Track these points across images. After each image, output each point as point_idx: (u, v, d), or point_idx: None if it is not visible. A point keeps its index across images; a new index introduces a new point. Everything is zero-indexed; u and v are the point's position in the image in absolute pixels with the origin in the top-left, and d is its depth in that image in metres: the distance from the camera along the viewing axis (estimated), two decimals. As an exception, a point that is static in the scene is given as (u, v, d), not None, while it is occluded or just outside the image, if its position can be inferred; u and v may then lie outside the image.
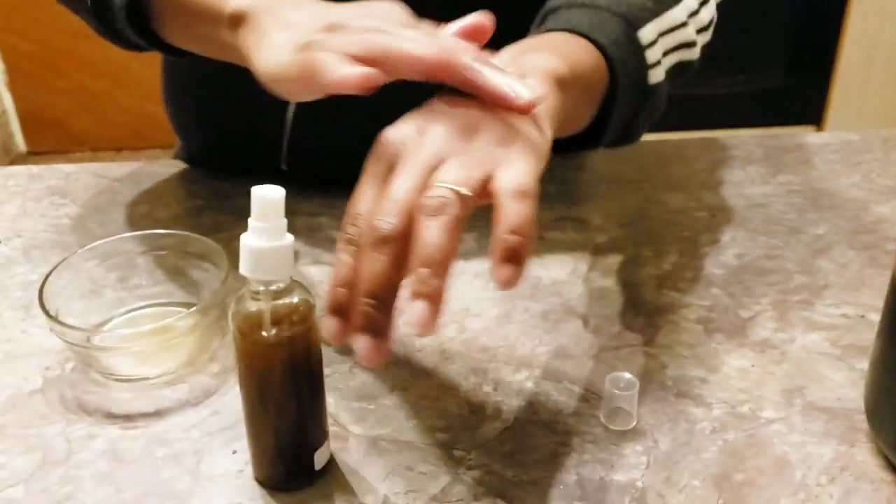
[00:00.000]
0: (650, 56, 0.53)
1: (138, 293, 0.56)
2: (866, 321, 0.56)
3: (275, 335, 0.39)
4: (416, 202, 0.35)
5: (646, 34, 0.53)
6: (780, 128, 2.00)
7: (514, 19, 0.51)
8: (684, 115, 1.87)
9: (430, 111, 0.40)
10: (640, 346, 0.54)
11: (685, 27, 0.57)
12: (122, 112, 2.38)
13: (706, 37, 0.61)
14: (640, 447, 0.46)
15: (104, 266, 0.55)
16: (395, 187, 0.36)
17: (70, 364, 0.52)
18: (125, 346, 0.50)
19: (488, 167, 0.37)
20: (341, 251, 0.37)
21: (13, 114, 2.39)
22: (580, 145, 0.55)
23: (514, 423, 0.48)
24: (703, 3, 0.59)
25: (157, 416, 0.48)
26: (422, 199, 0.35)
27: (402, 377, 0.51)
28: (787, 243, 0.64)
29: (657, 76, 0.54)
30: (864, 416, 0.47)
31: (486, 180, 0.37)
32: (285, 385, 0.41)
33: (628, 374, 0.48)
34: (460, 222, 0.35)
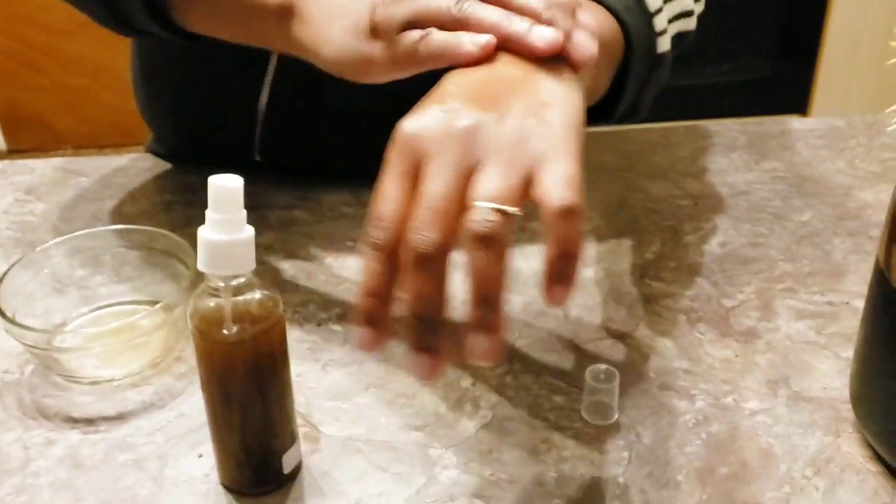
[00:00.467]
0: (657, 24, 0.52)
1: (103, 291, 0.54)
2: (851, 308, 0.55)
3: (236, 333, 0.37)
4: (456, 214, 0.34)
5: (652, 1, 0.52)
6: (766, 117, 2.00)
7: None
8: (670, 105, 1.85)
9: (447, 94, 0.37)
10: (622, 337, 0.52)
11: None
12: (103, 109, 2.35)
13: (700, 6, 0.60)
14: (623, 441, 0.45)
15: (67, 263, 0.53)
16: (429, 194, 0.34)
17: (30, 367, 0.50)
18: (88, 347, 0.48)
19: (527, 166, 0.35)
20: (368, 258, 0.35)
21: (-7, 112, 2.36)
22: (591, 119, 0.52)
23: (493, 419, 0.46)
24: None
25: (120, 419, 0.47)
26: (468, 224, 0.33)
27: (378, 374, 0.50)
28: (771, 230, 0.63)
29: (664, 45, 0.53)
30: (849, 406, 0.46)
31: (527, 183, 0.35)
32: (249, 386, 0.39)
33: (607, 366, 0.47)
34: (510, 243, 0.34)
